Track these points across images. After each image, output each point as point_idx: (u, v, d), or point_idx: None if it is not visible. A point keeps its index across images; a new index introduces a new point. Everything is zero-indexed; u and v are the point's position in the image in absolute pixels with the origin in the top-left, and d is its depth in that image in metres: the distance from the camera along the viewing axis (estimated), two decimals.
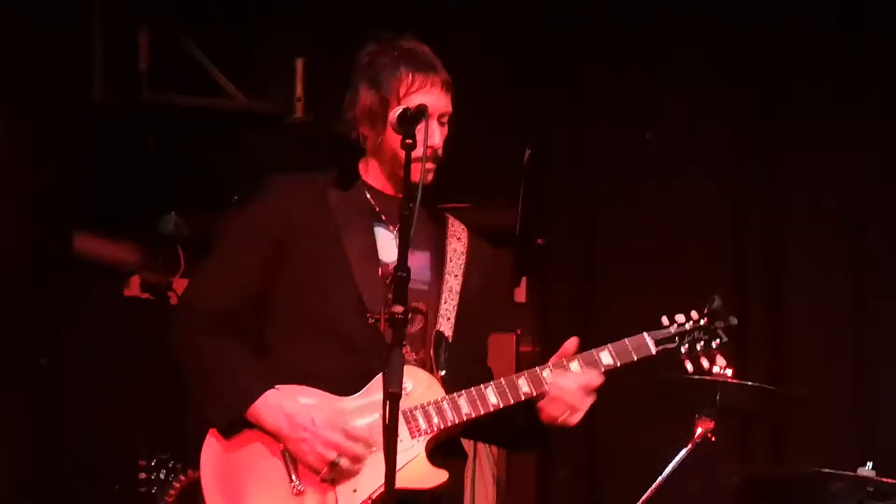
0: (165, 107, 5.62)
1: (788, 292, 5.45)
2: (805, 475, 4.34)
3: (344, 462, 3.24)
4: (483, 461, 5.38)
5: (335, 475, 3.26)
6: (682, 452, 4.29)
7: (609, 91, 5.69)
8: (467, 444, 3.55)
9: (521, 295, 5.82)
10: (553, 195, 5.79)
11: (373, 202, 3.43)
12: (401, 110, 3.26)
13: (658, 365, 3.42)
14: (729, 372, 4.21)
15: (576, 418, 3.33)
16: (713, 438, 4.30)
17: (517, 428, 3.40)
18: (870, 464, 4.08)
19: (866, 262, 5.39)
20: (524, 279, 5.81)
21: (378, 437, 3.19)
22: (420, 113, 3.23)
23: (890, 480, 4.07)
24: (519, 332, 5.65)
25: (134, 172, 5.75)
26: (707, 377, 4.12)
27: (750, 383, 4.33)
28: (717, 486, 4.52)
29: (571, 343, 3.36)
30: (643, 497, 4.32)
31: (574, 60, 5.74)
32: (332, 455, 3.24)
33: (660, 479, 4.30)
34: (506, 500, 5.60)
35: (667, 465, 4.31)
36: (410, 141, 3.19)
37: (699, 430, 4.30)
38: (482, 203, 5.43)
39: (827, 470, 4.14)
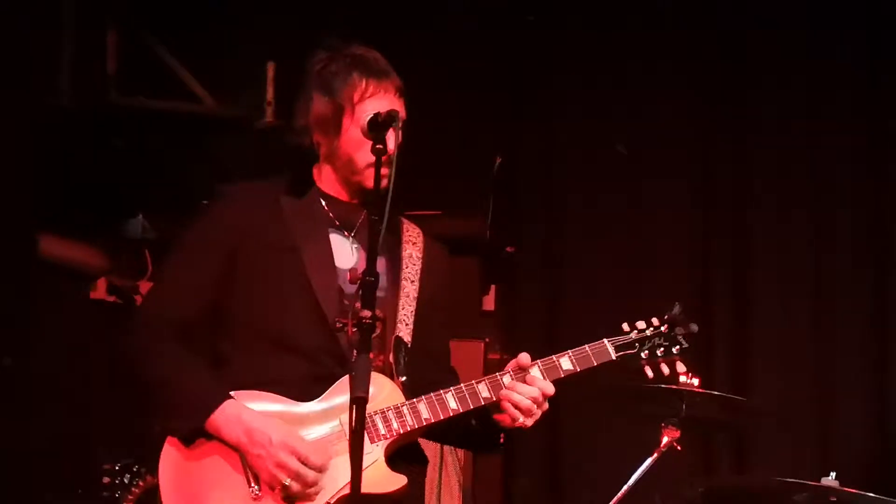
0: (134, 110, 5.59)
1: (754, 304, 5.48)
2: (768, 485, 4.36)
3: (294, 486, 3.23)
4: (449, 469, 5.37)
5: (289, 494, 3.24)
6: (648, 461, 4.30)
7: (579, 101, 5.71)
8: (434, 452, 3.55)
9: (489, 303, 5.82)
10: (523, 204, 5.80)
11: (327, 209, 3.43)
12: (371, 115, 3.26)
13: (620, 372, 3.43)
14: (695, 381, 4.23)
15: (530, 422, 3.34)
16: (679, 447, 4.32)
17: (474, 431, 3.41)
18: (833, 474, 4.10)
19: (830, 277, 5.42)
20: (493, 287, 5.81)
21: (333, 449, 3.24)
22: (391, 119, 3.22)
23: (852, 490, 4.09)
24: (487, 339, 5.65)
25: (102, 175, 5.71)
26: (673, 386, 4.15)
27: (716, 393, 4.34)
28: (681, 495, 4.53)
29: (524, 356, 3.36)
30: None
31: (545, 72, 5.76)
32: (282, 477, 3.23)
33: (625, 487, 4.30)
34: None
35: (632, 474, 4.32)
36: (381, 146, 3.19)
37: (665, 439, 4.31)
38: (452, 211, 5.43)
39: (790, 480, 4.15)
